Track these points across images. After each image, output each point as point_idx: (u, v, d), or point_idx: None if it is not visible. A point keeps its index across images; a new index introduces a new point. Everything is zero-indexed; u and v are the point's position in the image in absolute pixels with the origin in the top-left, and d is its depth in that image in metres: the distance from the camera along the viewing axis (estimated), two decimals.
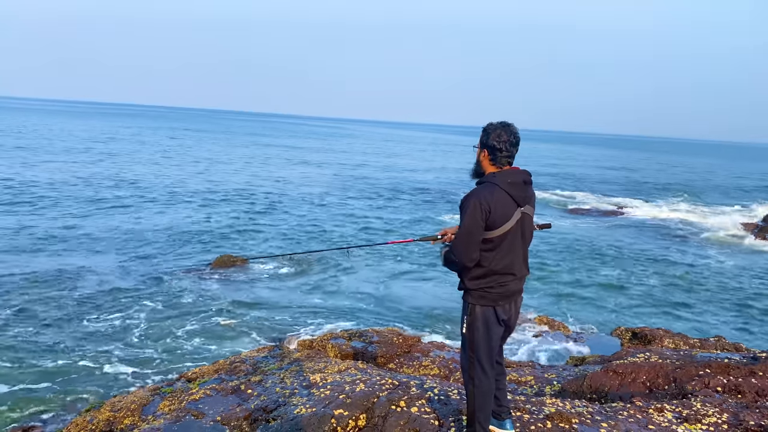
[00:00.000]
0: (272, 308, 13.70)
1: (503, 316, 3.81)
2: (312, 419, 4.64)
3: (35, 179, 31.33)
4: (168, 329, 11.99)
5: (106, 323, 12.11)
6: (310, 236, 22.31)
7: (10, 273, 14.91)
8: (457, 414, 4.55)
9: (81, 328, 11.77)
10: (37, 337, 11.25)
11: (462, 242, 3.66)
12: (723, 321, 14.68)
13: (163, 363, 10.51)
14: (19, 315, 12.29)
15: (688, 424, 4.49)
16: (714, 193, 48.54)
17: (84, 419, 5.49)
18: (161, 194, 29.83)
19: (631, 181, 56.96)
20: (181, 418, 5.16)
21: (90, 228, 20.90)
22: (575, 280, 17.78)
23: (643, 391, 5.50)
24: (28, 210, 23.37)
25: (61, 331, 11.56)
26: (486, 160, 3.81)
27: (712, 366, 5.64)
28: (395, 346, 7.73)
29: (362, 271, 17.45)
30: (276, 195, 32.48)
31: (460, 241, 3.68)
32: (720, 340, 8.92)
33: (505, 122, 3.80)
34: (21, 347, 10.73)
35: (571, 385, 5.87)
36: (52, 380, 9.59)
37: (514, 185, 3.70)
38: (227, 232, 22.02)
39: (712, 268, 20.51)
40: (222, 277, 15.69)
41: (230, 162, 50.57)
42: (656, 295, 16.69)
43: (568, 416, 4.46)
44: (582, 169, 70.52)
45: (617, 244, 23.65)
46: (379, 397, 4.87)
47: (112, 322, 12.23)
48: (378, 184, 41.14)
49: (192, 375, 6.68)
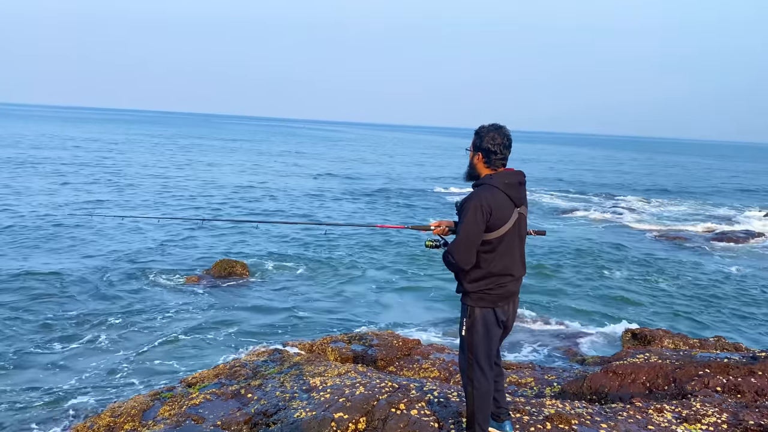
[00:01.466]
0: (272, 312, 13.70)
1: (502, 318, 3.82)
2: (312, 423, 4.65)
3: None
4: (167, 333, 11.98)
5: (103, 327, 12.10)
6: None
7: (24, 271, 14.90)
8: (456, 416, 4.55)
9: (80, 332, 11.75)
10: (36, 341, 11.24)
11: (462, 245, 3.64)
12: (722, 321, 14.68)
13: (163, 368, 10.49)
14: (18, 316, 12.28)
15: (688, 424, 4.49)
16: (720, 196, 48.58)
17: (84, 425, 5.49)
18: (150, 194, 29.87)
19: (630, 181, 57.02)
20: (182, 422, 5.16)
21: (89, 230, 20.91)
22: (574, 281, 17.79)
23: (643, 392, 5.51)
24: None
25: (60, 335, 11.54)
26: (480, 162, 3.82)
27: (712, 366, 5.65)
28: (395, 349, 7.74)
29: (362, 275, 17.45)
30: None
31: (460, 243, 3.65)
32: (719, 341, 8.93)
33: (497, 124, 3.81)
34: (18, 352, 10.72)
35: (571, 387, 5.88)
36: (52, 386, 9.58)
37: (510, 186, 3.72)
38: (228, 233, 22.02)
39: (713, 268, 20.52)
40: (221, 281, 15.68)
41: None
42: (656, 295, 16.70)
43: (567, 417, 4.46)
44: (579, 170, 70.60)
45: (617, 245, 23.66)
46: (378, 400, 4.87)
47: (110, 327, 12.21)
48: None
49: (192, 380, 6.67)
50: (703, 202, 41.71)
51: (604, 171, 71.21)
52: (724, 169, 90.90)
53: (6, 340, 11.24)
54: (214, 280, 15.74)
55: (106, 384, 9.77)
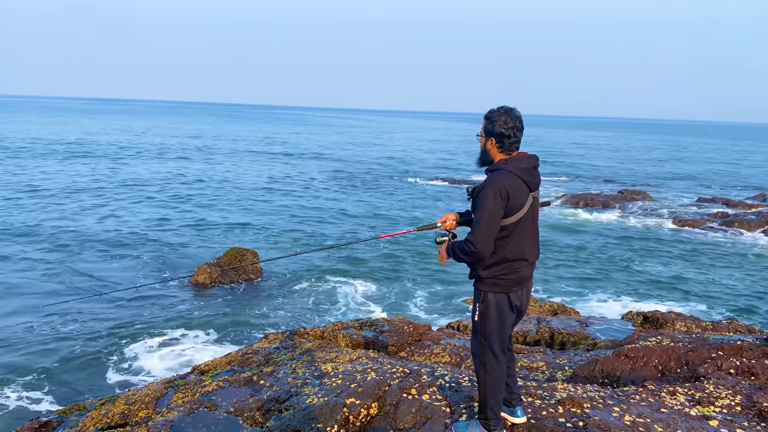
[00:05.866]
0: (282, 299, 13.76)
1: (516, 302, 3.79)
2: (324, 408, 4.67)
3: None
4: (179, 321, 12.08)
5: (117, 316, 12.21)
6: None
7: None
8: (468, 401, 4.55)
9: (95, 321, 11.87)
10: (53, 327, 11.36)
11: (482, 233, 3.55)
12: (736, 303, 14.59)
13: (176, 355, 10.59)
14: (38, 304, 12.42)
15: (701, 407, 4.47)
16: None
17: (99, 413, 5.54)
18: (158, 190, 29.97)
19: (648, 167, 56.53)
20: (195, 410, 5.20)
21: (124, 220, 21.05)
22: (587, 265, 17.71)
23: (656, 375, 5.48)
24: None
25: (76, 322, 11.67)
26: (494, 148, 3.73)
27: (725, 348, 5.61)
28: (406, 334, 7.74)
29: (370, 261, 17.47)
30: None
31: (480, 231, 3.55)
32: (732, 323, 8.85)
33: (507, 107, 3.71)
34: (35, 341, 10.84)
35: (583, 370, 5.85)
36: (67, 374, 9.70)
37: (526, 171, 3.66)
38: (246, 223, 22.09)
39: (726, 252, 20.35)
40: (231, 269, 15.74)
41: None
42: (668, 278, 16.60)
43: (579, 401, 4.45)
44: (595, 155, 70.08)
45: (630, 228, 23.51)
46: (390, 386, 4.88)
47: (122, 315, 12.32)
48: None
49: (205, 367, 6.72)
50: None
51: (618, 156, 70.67)
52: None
53: (21, 331, 11.36)
54: (225, 268, 15.79)
55: (120, 372, 9.87)
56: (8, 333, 11.12)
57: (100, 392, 8.92)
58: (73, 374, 9.72)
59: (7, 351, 10.36)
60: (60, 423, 5.85)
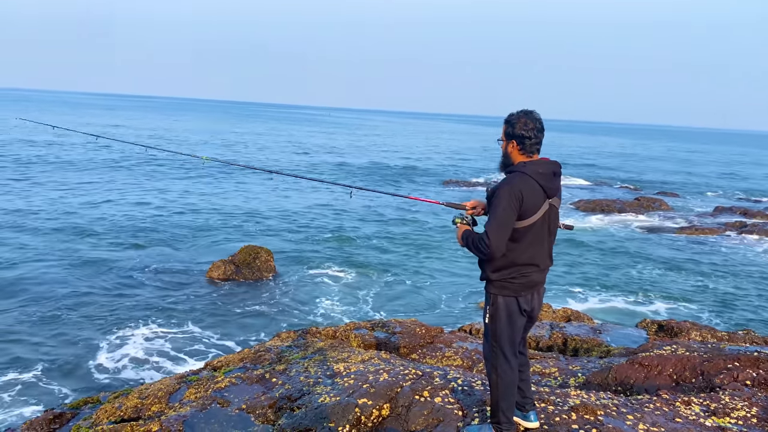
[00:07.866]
0: (295, 298, 13.82)
1: (525, 307, 3.77)
2: (336, 408, 4.68)
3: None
4: (193, 318, 12.16)
5: (130, 310, 12.32)
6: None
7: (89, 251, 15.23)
8: (481, 404, 4.54)
9: (108, 314, 11.99)
10: (67, 319, 11.49)
11: (496, 230, 3.54)
12: (753, 314, 14.41)
13: (189, 351, 10.67)
14: (48, 299, 12.56)
15: (716, 418, 4.42)
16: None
17: (113, 406, 5.59)
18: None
19: (661, 173, 56.03)
20: (207, 405, 5.23)
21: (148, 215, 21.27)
22: (600, 272, 17.59)
23: (670, 384, 5.42)
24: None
25: (90, 315, 11.79)
26: (515, 150, 3.72)
27: (741, 359, 5.53)
28: (418, 336, 7.72)
29: (385, 263, 17.48)
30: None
31: (493, 230, 3.54)
32: (749, 333, 8.74)
33: (526, 110, 3.73)
34: (50, 333, 10.98)
35: (596, 377, 5.81)
36: (80, 367, 9.80)
37: (544, 176, 3.63)
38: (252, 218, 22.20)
39: (743, 261, 20.11)
40: (245, 266, 15.82)
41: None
42: (682, 287, 16.43)
43: (593, 408, 4.42)
44: (610, 159, 69.57)
45: (645, 236, 23.31)
46: (402, 387, 4.88)
47: (135, 309, 12.43)
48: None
49: (217, 363, 6.75)
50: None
51: (635, 160, 70.07)
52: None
53: (36, 325, 11.51)
54: (239, 266, 15.88)
55: (133, 366, 9.96)
56: (25, 325, 11.27)
57: (113, 386, 9.01)
58: (86, 367, 9.83)
59: (22, 343, 10.51)
60: (74, 415, 5.91)
